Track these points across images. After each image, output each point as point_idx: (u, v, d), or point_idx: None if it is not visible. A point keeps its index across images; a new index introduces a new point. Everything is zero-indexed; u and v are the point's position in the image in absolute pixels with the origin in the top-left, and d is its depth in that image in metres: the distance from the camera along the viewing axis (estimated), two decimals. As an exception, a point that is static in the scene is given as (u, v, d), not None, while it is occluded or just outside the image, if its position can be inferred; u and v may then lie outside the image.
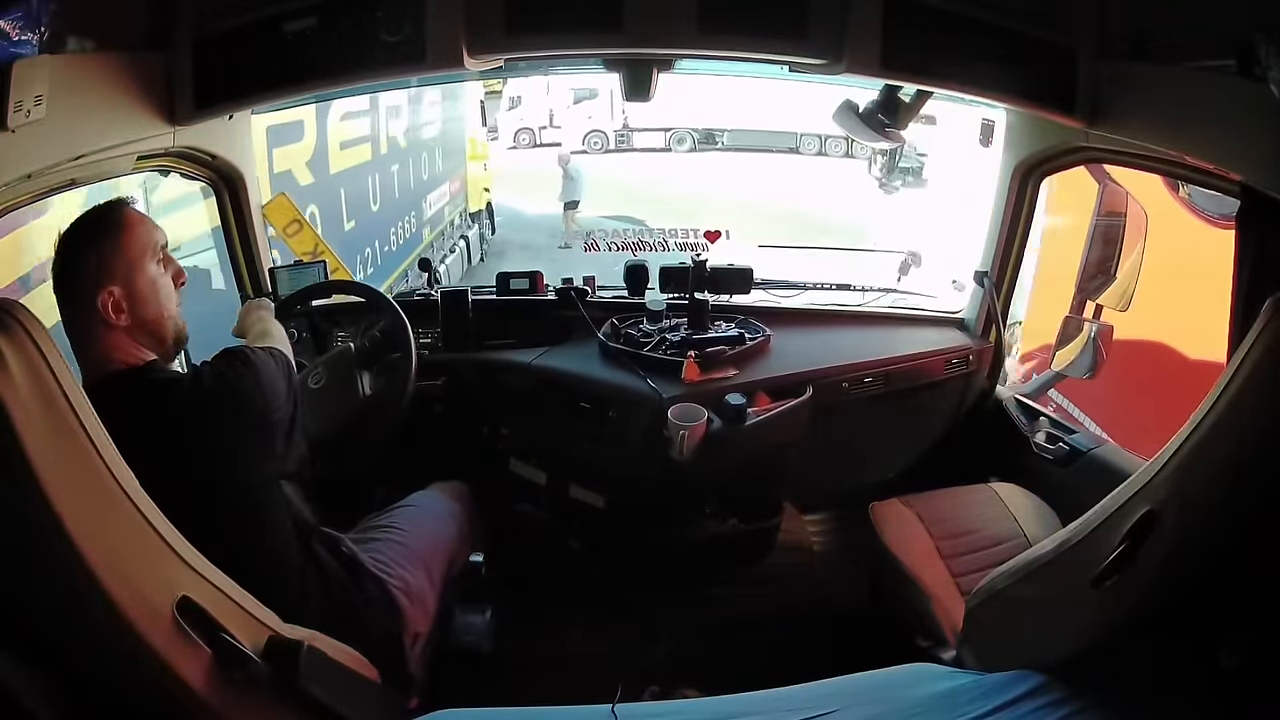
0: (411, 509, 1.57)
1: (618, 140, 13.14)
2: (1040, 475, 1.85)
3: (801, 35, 1.44)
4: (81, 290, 1.08)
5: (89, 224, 1.12)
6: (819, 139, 12.71)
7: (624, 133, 13.11)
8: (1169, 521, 0.98)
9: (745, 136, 13.20)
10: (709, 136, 13.45)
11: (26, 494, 0.77)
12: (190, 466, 1.06)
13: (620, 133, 13.07)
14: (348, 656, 1.09)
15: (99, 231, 1.11)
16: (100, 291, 1.08)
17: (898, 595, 1.62)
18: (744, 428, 1.72)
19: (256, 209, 1.93)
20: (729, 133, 13.38)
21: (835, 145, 12.55)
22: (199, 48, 1.40)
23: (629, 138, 13.23)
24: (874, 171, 11.68)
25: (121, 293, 1.09)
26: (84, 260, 1.09)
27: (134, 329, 1.11)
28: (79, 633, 0.84)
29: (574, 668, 1.59)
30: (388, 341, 1.72)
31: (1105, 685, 1.07)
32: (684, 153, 13.26)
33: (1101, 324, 1.89)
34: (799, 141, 12.96)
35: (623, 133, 13.10)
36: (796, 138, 12.89)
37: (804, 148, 12.95)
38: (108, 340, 1.10)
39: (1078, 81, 1.47)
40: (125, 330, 1.10)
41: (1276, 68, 1.06)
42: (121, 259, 1.10)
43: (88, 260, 1.09)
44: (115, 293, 1.09)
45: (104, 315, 1.08)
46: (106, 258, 1.09)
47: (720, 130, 13.39)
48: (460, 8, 1.39)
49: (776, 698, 1.16)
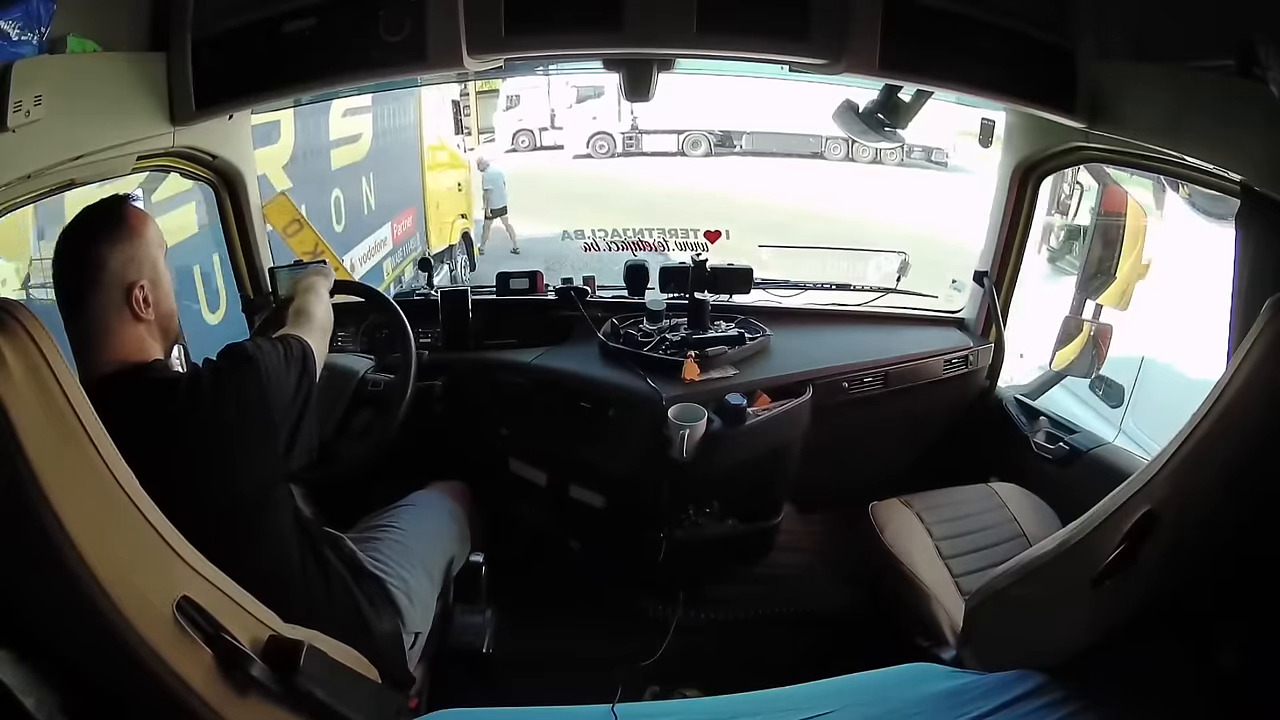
0: (411, 509, 1.57)
1: (626, 144, 12.01)
2: (1040, 475, 1.85)
3: (801, 35, 1.44)
4: (109, 284, 1.08)
5: (107, 219, 1.11)
6: (845, 143, 11.39)
7: (633, 135, 12.01)
8: (1169, 521, 0.98)
9: (765, 140, 11.90)
10: (726, 139, 12.17)
11: (26, 494, 0.77)
12: (189, 468, 1.06)
13: (628, 135, 11.97)
14: (348, 656, 1.09)
15: (121, 226, 1.10)
16: (134, 286, 1.08)
17: (898, 595, 1.62)
18: (744, 428, 1.72)
19: (256, 209, 1.93)
20: (748, 135, 12.08)
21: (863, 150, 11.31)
22: (199, 48, 1.40)
23: (638, 141, 12.08)
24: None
25: (150, 287, 1.10)
26: (111, 254, 1.08)
27: (155, 324, 1.12)
28: (79, 633, 0.84)
29: (574, 668, 1.59)
30: (388, 341, 1.72)
31: (1105, 685, 1.08)
32: (699, 157, 11.99)
33: (1101, 324, 1.89)
34: (824, 145, 11.64)
35: (631, 135, 12.00)
36: (821, 141, 11.54)
37: (829, 152, 11.63)
38: (132, 334, 1.10)
39: (1078, 81, 1.48)
40: (148, 325, 1.11)
41: (1276, 68, 1.06)
42: (148, 253, 1.11)
43: (117, 254, 1.08)
44: (145, 287, 1.10)
45: (134, 310, 1.09)
46: (136, 252, 1.10)
47: (738, 133, 12.11)
48: (460, 8, 1.39)
49: (776, 698, 1.16)
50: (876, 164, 11.28)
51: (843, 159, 11.56)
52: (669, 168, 11.29)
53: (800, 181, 10.57)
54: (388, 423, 1.61)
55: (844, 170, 11.25)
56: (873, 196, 9.72)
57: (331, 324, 1.39)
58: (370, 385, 1.71)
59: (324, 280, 1.50)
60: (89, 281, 1.08)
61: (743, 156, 12.02)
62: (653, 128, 11.97)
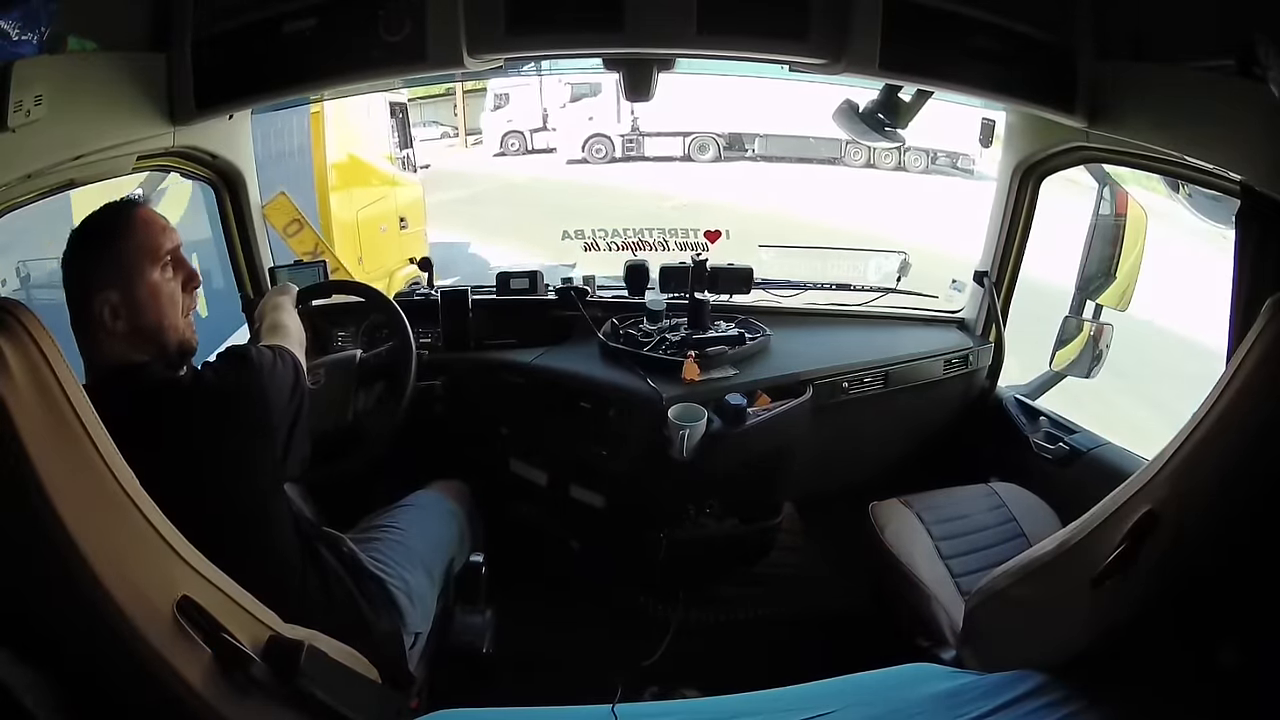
0: (411, 509, 1.57)
1: (625, 147, 10.81)
2: (1040, 475, 1.85)
3: (801, 35, 1.43)
4: (81, 293, 1.07)
5: (95, 225, 1.10)
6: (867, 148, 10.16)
7: (633, 138, 10.82)
8: (1169, 521, 0.98)
9: (780, 143, 10.73)
10: (736, 143, 11.02)
11: (27, 494, 0.77)
12: (189, 469, 1.05)
13: (628, 138, 10.79)
14: (348, 656, 1.09)
15: (101, 234, 1.09)
16: (97, 296, 1.06)
17: (898, 595, 1.62)
18: (744, 428, 1.72)
19: (256, 209, 1.93)
20: (760, 139, 10.92)
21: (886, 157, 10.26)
22: (199, 48, 1.40)
23: (639, 144, 10.87)
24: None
25: (119, 299, 1.07)
26: (85, 262, 1.08)
27: (131, 335, 1.09)
28: (79, 632, 0.84)
29: (574, 668, 1.59)
30: (387, 341, 1.72)
31: (1105, 685, 1.08)
32: (707, 162, 10.84)
33: (1101, 324, 1.89)
34: (844, 151, 10.48)
35: (632, 138, 10.81)
36: (840, 146, 10.39)
37: (850, 158, 10.49)
38: (104, 344, 1.08)
39: (1078, 81, 1.48)
40: (123, 337, 1.08)
41: (1276, 68, 1.06)
42: (120, 265, 1.08)
43: (88, 263, 1.08)
44: (113, 299, 1.07)
45: (100, 321, 1.07)
46: (105, 262, 1.07)
47: (750, 135, 10.94)
48: (460, 8, 1.39)
49: (776, 698, 1.16)
50: (900, 171, 10.28)
51: (864, 165, 10.42)
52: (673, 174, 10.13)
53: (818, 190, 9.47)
54: (387, 424, 1.61)
55: (865, 178, 10.20)
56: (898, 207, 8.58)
57: (304, 338, 1.37)
58: (372, 359, 1.71)
59: (287, 297, 1.49)
60: (68, 288, 1.08)
61: (754, 162, 10.85)
62: (655, 130, 10.79)
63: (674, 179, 9.82)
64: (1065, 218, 2.07)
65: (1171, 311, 4.46)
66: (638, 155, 10.85)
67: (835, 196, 9.13)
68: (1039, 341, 2.02)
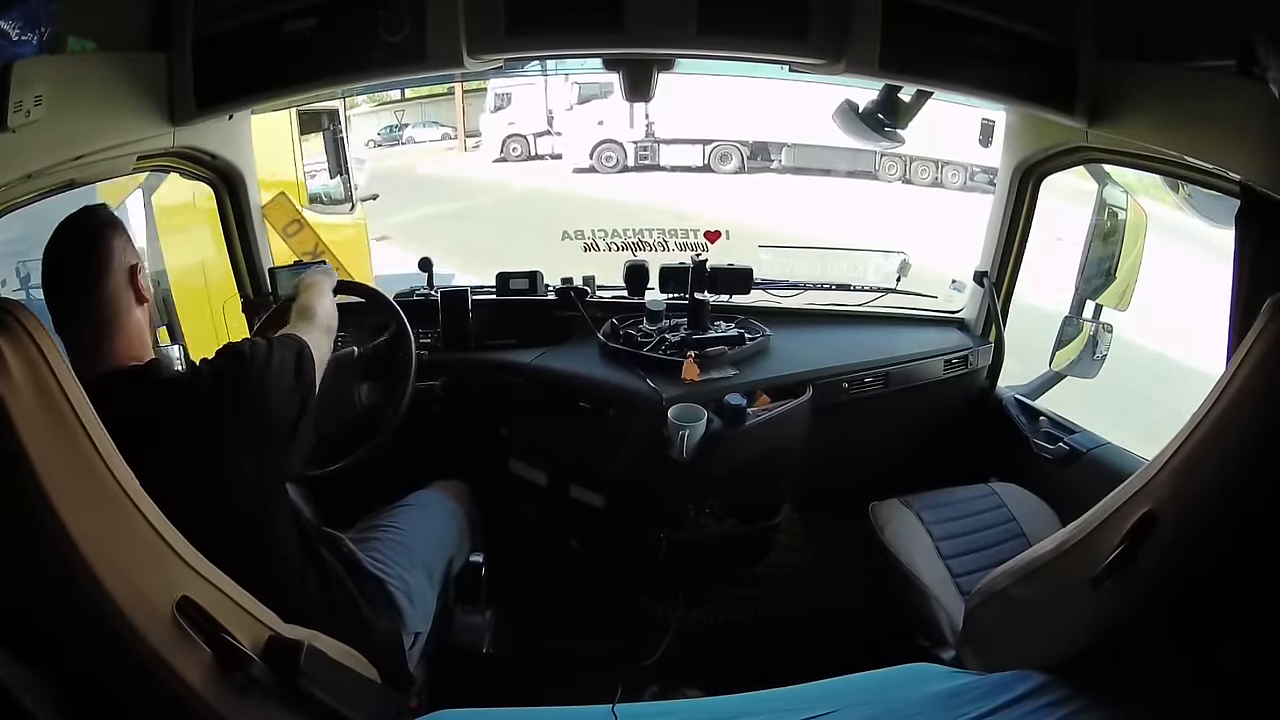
0: (411, 509, 1.57)
1: (639, 155, 9.76)
2: (1040, 475, 1.85)
3: (801, 36, 1.43)
4: (117, 269, 1.10)
5: (100, 212, 1.15)
6: (902, 161, 9.36)
7: (648, 145, 9.74)
8: (1169, 521, 0.98)
9: (808, 154, 9.60)
10: (761, 152, 9.91)
11: (26, 493, 0.77)
12: (189, 468, 1.06)
13: (642, 145, 9.75)
14: (348, 656, 1.09)
15: (113, 217, 1.14)
16: (135, 269, 1.12)
17: (898, 595, 1.62)
18: (744, 428, 1.72)
19: (256, 209, 1.93)
20: (788, 148, 9.77)
21: (922, 170, 9.40)
22: (199, 48, 1.40)
23: (655, 151, 9.78)
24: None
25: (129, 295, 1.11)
26: (115, 239, 1.11)
27: (148, 308, 1.14)
28: (78, 632, 0.84)
29: (574, 668, 1.59)
30: (388, 341, 1.72)
31: (1105, 685, 1.08)
32: (729, 173, 9.75)
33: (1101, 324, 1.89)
34: (878, 164, 9.47)
35: (646, 145, 9.74)
36: (875, 158, 9.34)
37: (884, 172, 9.50)
38: (135, 322, 1.11)
39: (1078, 81, 1.48)
40: (143, 310, 1.13)
41: (1276, 68, 1.06)
42: (133, 245, 1.14)
43: (118, 239, 1.11)
44: (144, 268, 1.14)
45: (139, 291, 1.11)
46: (127, 238, 1.13)
47: (776, 145, 9.81)
48: (460, 8, 1.39)
49: (776, 698, 1.16)
50: (937, 187, 9.31)
51: (899, 179, 9.51)
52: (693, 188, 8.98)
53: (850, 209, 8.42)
54: (387, 423, 1.61)
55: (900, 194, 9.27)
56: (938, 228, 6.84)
57: (335, 323, 1.39)
58: (372, 359, 1.71)
59: (328, 279, 1.51)
60: (100, 270, 1.09)
61: (780, 174, 9.78)
62: (672, 136, 9.68)
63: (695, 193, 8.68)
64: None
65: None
66: (652, 164, 9.79)
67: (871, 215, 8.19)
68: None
